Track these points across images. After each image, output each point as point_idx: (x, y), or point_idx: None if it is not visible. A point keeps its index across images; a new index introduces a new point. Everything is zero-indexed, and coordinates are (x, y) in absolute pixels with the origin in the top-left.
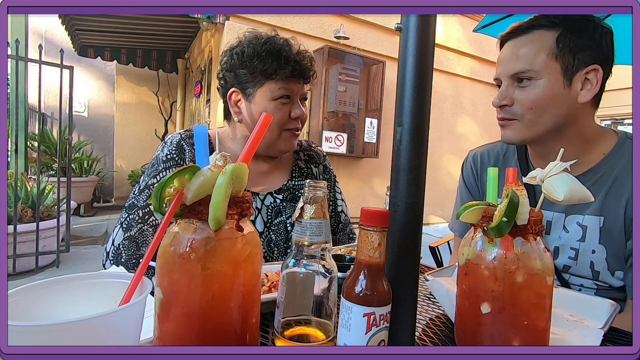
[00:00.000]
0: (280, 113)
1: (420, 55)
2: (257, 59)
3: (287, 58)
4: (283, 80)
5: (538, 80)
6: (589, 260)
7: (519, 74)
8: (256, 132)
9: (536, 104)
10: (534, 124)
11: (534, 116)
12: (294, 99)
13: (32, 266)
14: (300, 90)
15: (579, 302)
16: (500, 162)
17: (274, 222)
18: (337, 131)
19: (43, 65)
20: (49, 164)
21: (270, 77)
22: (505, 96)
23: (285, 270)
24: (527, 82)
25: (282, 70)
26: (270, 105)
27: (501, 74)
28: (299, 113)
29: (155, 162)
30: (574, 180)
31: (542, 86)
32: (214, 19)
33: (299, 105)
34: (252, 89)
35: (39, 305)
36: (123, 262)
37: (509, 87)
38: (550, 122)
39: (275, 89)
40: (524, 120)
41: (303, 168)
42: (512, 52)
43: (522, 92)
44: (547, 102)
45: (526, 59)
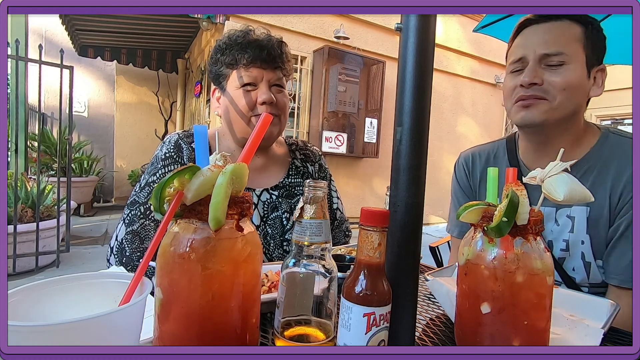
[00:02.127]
0: (245, 99)
1: (420, 55)
2: (220, 53)
3: (243, 45)
4: (244, 68)
5: (570, 64)
6: (580, 252)
7: (552, 56)
8: (256, 132)
9: (569, 86)
10: (562, 106)
11: (564, 98)
12: (260, 85)
13: (32, 266)
14: (267, 76)
15: (579, 302)
16: (491, 162)
17: (270, 217)
18: (337, 131)
19: (43, 65)
20: (49, 164)
21: (232, 66)
22: (535, 75)
23: (285, 270)
24: (559, 65)
25: (241, 58)
26: (236, 94)
27: (529, 53)
28: (265, 97)
29: (155, 160)
30: (574, 180)
31: (574, 70)
32: (214, 19)
33: (266, 90)
34: (223, 83)
35: (39, 305)
36: (128, 256)
37: (538, 68)
38: (572, 108)
39: (237, 77)
40: (555, 101)
41: (299, 167)
42: (543, 34)
43: (553, 74)
44: (576, 87)
45: (560, 42)
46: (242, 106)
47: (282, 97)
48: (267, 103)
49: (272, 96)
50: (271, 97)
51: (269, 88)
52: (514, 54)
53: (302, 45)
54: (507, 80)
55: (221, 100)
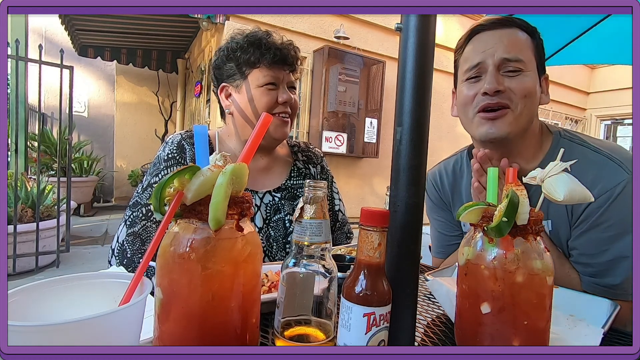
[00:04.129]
0: (266, 98)
1: (420, 55)
2: (240, 51)
3: (267, 46)
4: (267, 68)
5: (526, 72)
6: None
7: (512, 62)
8: (256, 131)
9: (529, 92)
10: (523, 114)
11: (524, 106)
12: (280, 85)
13: (32, 266)
14: (286, 77)
15: (579, 302)
16: (457, 174)
17: (272, 219)
18: (337, 131)
19: (43, 65)
20: (49, 164)
21: (255, 65)
22: (498, 81)
23: (285, 270)
24: (517, 72)
25: (264, 58)
26: (257, 92)
27: (487, 59)
28: (286, 97)
29: (157, 161)
30: (574, 180)
31: (530, 77)
32: (214, 19)
33: (286, 90)
34: (239, 80)
35: (39, 305)
36: (129, 258)
37: (497, 74)
38: (531, 116)
39: (261, 77)
40: (517, 109)
41: (301, 168)
42: (499, 40)
43: (513, 81)
44: (534, 94)
45: (518, 48)
46: (264, 104)
47: (296, 98)
48: (287, 102)
49: (291, 96)
50: (290, 97)
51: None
52: (469, 60)
53: (302, 45)
54: (462, 89)
55: (233, 98)
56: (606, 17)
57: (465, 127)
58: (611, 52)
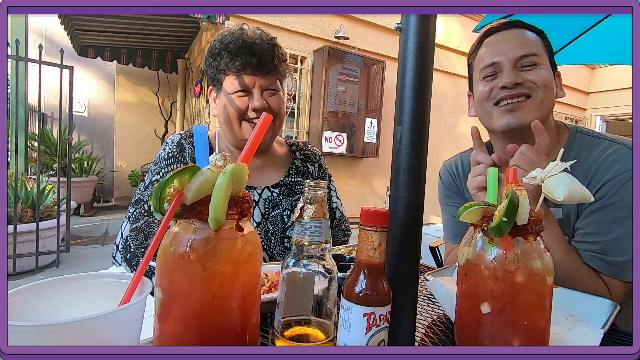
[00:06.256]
0: (235, 105)
1: (420, 55)
2: (213, 58)
3: (234, 52)
4: (235, 75)
5: (542, 65)
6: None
7: (527, 57)
8: (256, 132)
9: (548, 82)
10: (544, 103)
11: (545, 95)
12: (253, 91)
13: (32, 266)
14: (259, 82)
15: (579, 302)
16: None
17: (271, 214)
18: (337, 131)
19: (43, 65)
20: (49, 164)
21: (224, 72)
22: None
23: (285, 270)
24: (532, 65)
25: (232, 65)
26: (228, 99)
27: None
28: (256, 105)
29: (158, 160)
30: (574, 180)
31: (546, 69)
32: (214, 19)
33: (258, 97)
34: (218, 86)
35: (39, 305)
36: (132, 252)
37: (514, 70)
38: (551, 106)
39: (229, 85)
40: (537, 98)
41: (299, 166)
42: (513, 39)
43: (530, 74)
44: (551, 85)
45: (530, 45)
46: (234, 110)
47: (276, 100)
48: (258, 109)
49: (264, 102)
50: (263, 104)
51: (261, 94)
52: (485, 60)
53: (302, 45)
54: (478, 87)
55: (217, 101)
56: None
57: (484, 123)
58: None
